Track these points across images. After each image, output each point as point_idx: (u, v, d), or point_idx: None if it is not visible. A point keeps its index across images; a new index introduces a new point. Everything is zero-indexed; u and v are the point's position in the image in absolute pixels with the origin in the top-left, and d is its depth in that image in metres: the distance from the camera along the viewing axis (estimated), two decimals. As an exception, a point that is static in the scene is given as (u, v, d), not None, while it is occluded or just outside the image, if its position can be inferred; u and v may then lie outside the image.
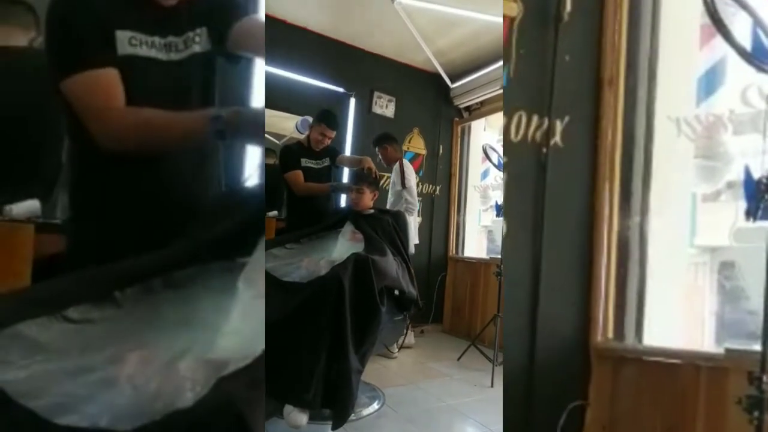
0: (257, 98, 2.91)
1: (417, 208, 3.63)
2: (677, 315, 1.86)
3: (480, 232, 4.73)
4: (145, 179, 1.12)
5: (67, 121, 1.11)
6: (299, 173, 2.89)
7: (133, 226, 1.09)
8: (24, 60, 1.65)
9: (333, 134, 2.96)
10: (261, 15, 1.30)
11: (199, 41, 1.22)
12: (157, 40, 1.15)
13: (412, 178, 3.45)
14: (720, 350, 1.48)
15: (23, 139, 1.53)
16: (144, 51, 1.12)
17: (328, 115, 2.94)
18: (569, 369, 1.17)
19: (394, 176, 3.58)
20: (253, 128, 1.01)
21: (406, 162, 3.57)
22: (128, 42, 1.10)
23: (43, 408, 0.60)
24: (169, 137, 1.06)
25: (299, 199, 2.93)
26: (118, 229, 1.11)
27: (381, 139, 3.57)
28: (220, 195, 1.06)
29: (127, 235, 1.06)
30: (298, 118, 3.29)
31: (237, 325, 0.74)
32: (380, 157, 3.55)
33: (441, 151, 4.63)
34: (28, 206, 1.57)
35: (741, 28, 1.27)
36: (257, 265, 0.81)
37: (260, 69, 2.76)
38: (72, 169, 1.23)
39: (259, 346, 0.65)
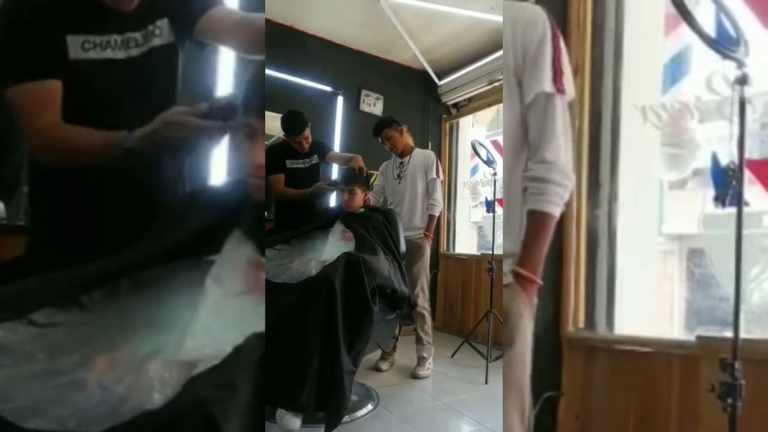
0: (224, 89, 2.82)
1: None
2: (648, 303, 1.86)
3: (470, 228, 4.73)
4: (104, 181, 1.12)
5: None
6: (279, 178, 2.84)
7: (93, 228, 1.09)
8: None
9: (301, 137, 2.81)
10: (260, 15, 1.27)
11: (160, 33, 1.21)
12: (114, 38, 1.13)
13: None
14: (691, 337, 1.48)
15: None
16: (97, 54, 1.11)
17: (285, 123, 2.81)
18: (541, 359, 1.16)
19: (412, 167, 3.10)
20: (174, 141, 0.98)
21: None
22: (81, 47, 1.09)
23: (12, 413, 0.59)
24: (87, 155, 1.05)
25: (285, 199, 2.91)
26: (75, 231, 1.11)
27: (389, 122, 3.11)
28: (184, 193, 1.04)
29: (86, 237, 1.06)
30: (292, 110, 3.25)
31: (207, 325, 0.73)
32: (389, 145, 3.11)
33: (430, 148, 4.62)
34: None
35: (705, 15, 1.26)
36: (227, 262, 0.80)
37: (238, 61, 2.68)
38: (29, 172, 1.23)
39: (230, 345, 0.64)
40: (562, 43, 1.14)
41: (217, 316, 0.74)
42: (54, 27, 1.06)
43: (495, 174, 3.26)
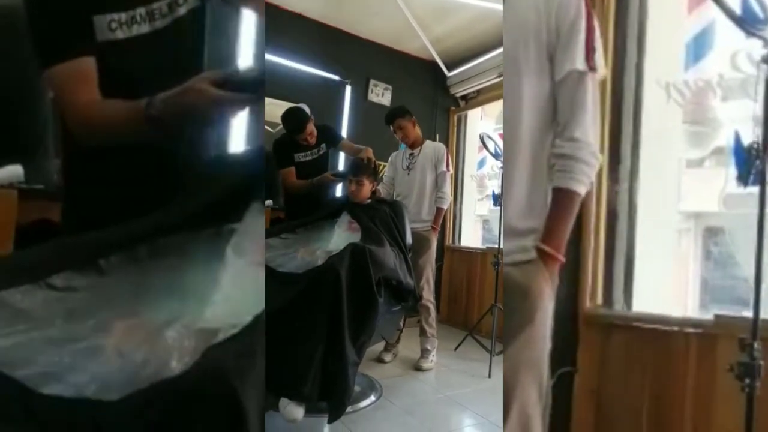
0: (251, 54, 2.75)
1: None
2: (666, 281, 1.84)
3: (476, 221, 4.72)
4: (132, 151, 1.09)
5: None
6: (291, 171, 2.85)
7: (124, 196, 1.08)
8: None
9: (305, 134, 2.78)
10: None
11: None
12: (139, 11, 1.12)
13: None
14: (709, 316, 1.47)
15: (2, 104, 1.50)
16: (125, 32, 1.10)
17: (285, 122, 2.77)
18: (558, 335, 1.14)
19: (422, 159, 3.06)
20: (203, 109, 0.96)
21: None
22: (108, 27, 1.08)
23: (29, 377, 0.59)
24: (116, 129, 1.05)
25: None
26: (109, 198, 1.10)
27: (402, 111, 3.06)
28: (206, 162, 1.03)
29: (118, 205, 1.05)
30: (293, 106, 3.25)
31: (227, 294, 0.72)
32: (401, 135, 3.08)
33: (437, 140, 4.60)
34: (10, 171, 1.52)
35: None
36: (249, 231, 0.80)
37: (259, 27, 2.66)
38: (63, 147, 1.23)
39: (249, 314, 0.63)
40: (595, 20, 1.12)
41: (237, 285, 0.73)
42: (78, 6, 1.05)
43: (502, 167, 3.23)
